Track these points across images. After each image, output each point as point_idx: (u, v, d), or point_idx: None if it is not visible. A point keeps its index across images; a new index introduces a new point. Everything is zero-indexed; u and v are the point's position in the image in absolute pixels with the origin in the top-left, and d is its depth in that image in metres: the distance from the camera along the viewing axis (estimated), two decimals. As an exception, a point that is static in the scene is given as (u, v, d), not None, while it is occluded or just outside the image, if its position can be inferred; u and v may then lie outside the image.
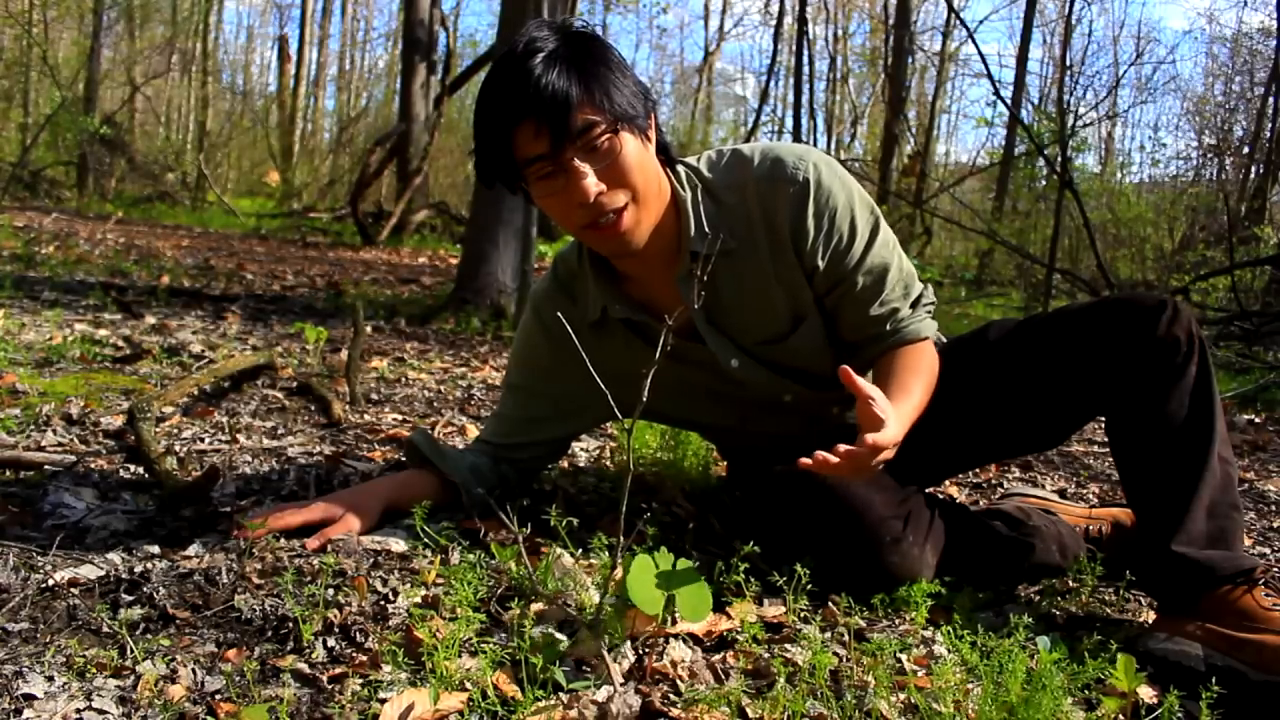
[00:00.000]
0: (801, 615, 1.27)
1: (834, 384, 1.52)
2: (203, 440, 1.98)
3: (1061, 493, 2.21)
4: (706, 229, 1.34)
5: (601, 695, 0.97)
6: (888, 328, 1.40)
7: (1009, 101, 10.28)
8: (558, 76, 1.18)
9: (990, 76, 7.27)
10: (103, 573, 1.23)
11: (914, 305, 1.42)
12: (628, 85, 1.25)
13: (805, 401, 1.51)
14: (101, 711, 0.91)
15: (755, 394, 1.49)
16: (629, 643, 1.10)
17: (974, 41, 7.30)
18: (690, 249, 1.34)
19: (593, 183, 1.21)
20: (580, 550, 1.37)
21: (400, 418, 2.40)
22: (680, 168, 1.37)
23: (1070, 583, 1.50)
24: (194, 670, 1.00)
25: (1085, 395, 1.39)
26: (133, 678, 0.97)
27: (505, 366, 2.84)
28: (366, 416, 2.36)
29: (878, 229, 1.38)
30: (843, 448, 1.08)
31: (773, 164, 1.34)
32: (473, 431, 2.28)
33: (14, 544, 1.30)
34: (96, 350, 2.91)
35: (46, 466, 1.65)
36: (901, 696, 1.05)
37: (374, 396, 2.66)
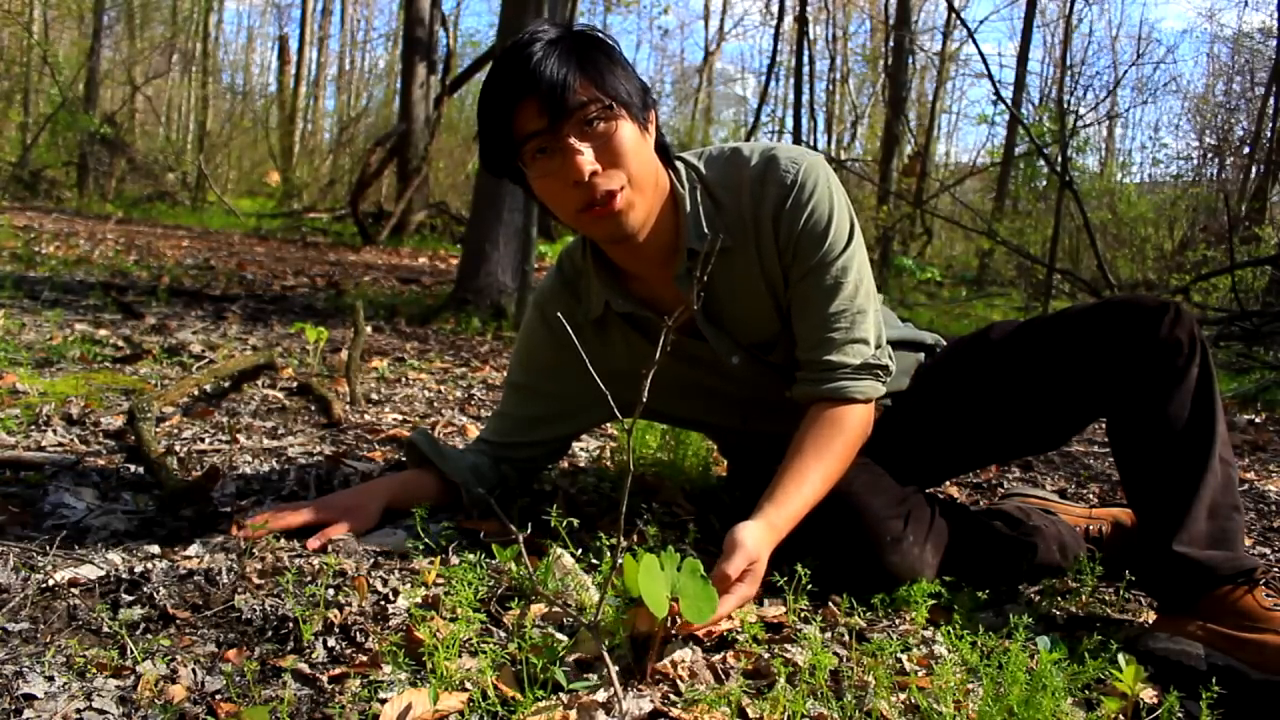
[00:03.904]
0: (802, 615, 1.27)
1: None
2: (203, 440, 1.98)
3: (1061, 493, 2.21)
4: (705, 228, 1.35)
5: (602, 695, 0.97)
6: (820, 364, 1.34)
7: (1009, 101, 10.28)
8: (558, 59, 1.22)
9: (990, 76, 7.28)
10: (103, 573, 1.22)
11: (861, 368, 1.35)
12: (628, 77, 1.28)
13: None
14: (101, 711, 0.91)
15: (756, 391, 1.49)
16: (629, 643, 1.09)
17: (974, 41, 7.30)
18: (688, 247, 1.35)
19: (588, 160, 1.23)
20: (580, 550, 1.37)
21: (400, 418, 2.40)
22: (679, 164, 1.38)
23: (1070, 583, 1.50)
24: (194, 670, 1.00)
25: (1087, 397, 1.39)
26: (133, 678, 0.97)
27: (506, 366, 2.84)
28: (366, 416, 2.36)
29: (851, 245, 1.35)
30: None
31: (767, 164, 1.35)
32: (473, 431, 2.27)
33: (14, 544, 1.30)
34: (96, 350, 2.91)
35: (46, 466, 1.65)
36: (902, 696, 1.05)
37: (374, 396, 2.66)
